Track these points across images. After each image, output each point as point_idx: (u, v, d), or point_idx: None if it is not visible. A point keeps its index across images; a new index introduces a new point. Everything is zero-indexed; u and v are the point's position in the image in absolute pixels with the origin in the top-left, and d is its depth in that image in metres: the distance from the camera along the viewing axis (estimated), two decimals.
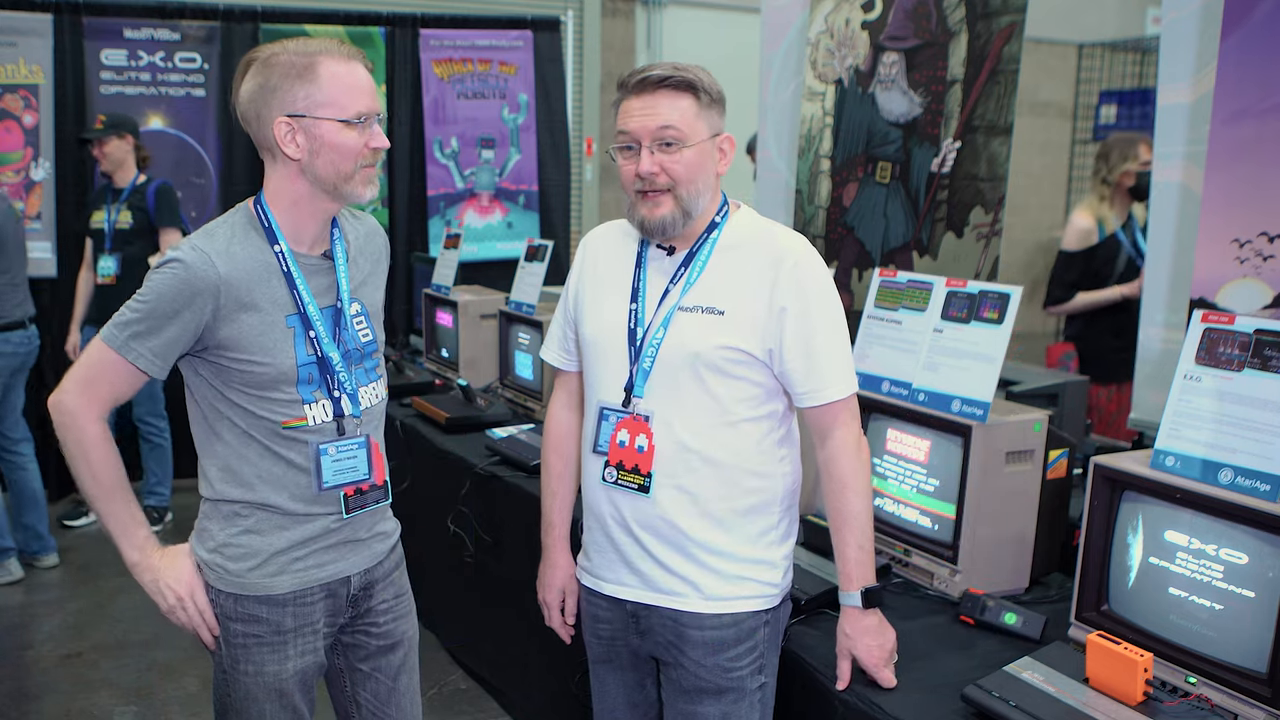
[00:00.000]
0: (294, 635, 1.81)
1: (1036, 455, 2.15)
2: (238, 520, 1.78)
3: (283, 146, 1.70)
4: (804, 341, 1.76)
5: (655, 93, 1.73)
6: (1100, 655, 1.66)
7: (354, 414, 1.82)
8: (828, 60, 3.81)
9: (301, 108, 1.68)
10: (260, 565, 1.78)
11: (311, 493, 1.79)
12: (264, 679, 1.80)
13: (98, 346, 1.71)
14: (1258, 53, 2.24)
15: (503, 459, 3.11)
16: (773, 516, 1.84)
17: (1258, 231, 2.26)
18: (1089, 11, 9.59)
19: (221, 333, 1.70)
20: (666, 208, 1.75)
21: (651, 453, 1.79)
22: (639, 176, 1.74)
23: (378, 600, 1.93)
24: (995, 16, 3.12)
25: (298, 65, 1.69)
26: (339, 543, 1.84)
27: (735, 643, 1.81)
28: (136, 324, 1.68)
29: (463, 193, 6.14)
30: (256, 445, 1.76)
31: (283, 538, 1.78)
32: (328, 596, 1.84)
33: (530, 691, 3.07)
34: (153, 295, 1.68)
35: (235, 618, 1.79)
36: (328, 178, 1.72)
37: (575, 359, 1.99)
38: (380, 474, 1.88)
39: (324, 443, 1.79)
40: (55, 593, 4.29)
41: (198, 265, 1.67)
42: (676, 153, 1.73)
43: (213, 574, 1.79)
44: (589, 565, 1.94)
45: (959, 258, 3.26)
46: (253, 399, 1.74)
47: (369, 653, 1.94)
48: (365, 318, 1.88)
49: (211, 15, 5.56)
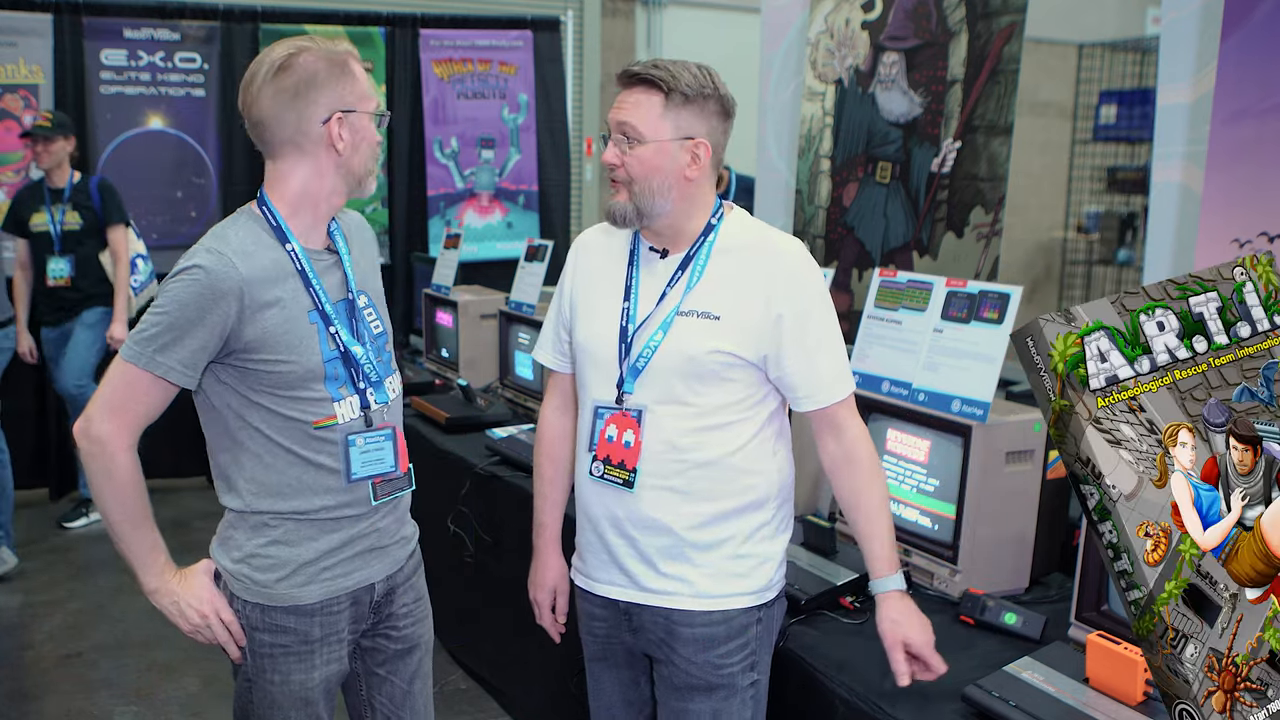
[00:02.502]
0: (320, 644, 1.80)
1: (1036, 455, 2.15)
2: (266, 530, 1.76)
3: (334, 142, 1.72)
4: (803, 348, 1.76)
5: (630, 87, 1.75)
6: (1100, 655, 1.66)
7: (381, 401, 1.82)
8: (828, 60, 3.81)
9: (351, 103, 1.72)
10: (289, 576, 1.76)
11: (341, 491, 1.77)
12: (290, 688, 1.78)
13: (121, 367, 1.66)
14: (1258, 53, 2.24)
15: (503, 459, 3.11)
16: (766, 513, 1.84)
17: (1258, 231, 2.26)
18: (1089, 11, 9.58)
19: (247, 335, 1.67)
20: (621, 198, 1.77)
21: (638, 448, 1.78)
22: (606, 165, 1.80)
23: (399, 605, 1.92)
24: (995, 16, 3.12)
25: (336, 63, 1.72)
26: (365, 550, 1.83)
27: (726, 639, 1.80)
28: (160, 336, 1.64)
29: (463, 193, 6.14)
30: (285, 453, 1.73)
31: (311, 548, 1.77)
32: (353, 604, 1.83)
33: (530, 691, 3.08)
34: (174, 304, 1.64)
35: (262, 628, 1.77)
36: (359, 171, 1.77)
37: (569, 360, 1.98)
38: (404, 463, 1.88)
39: (352, 433, 1.78)
40: (55, 593, 4.29)
41: (218, 268, 1.65)
42: (633, 148, 1.74)
43: (239, 584, 1.76)
44: (582, 565, 1.94)
45: (959, 258, 3.26)
46: (282, 400, 1.72)
47: (387, 657, 1.94)
48: (374, 309, 1.88)
49: (211, 15, 5.56)
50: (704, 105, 1.75)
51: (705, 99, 1.74)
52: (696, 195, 1.80)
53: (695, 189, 1.79)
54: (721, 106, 1.77)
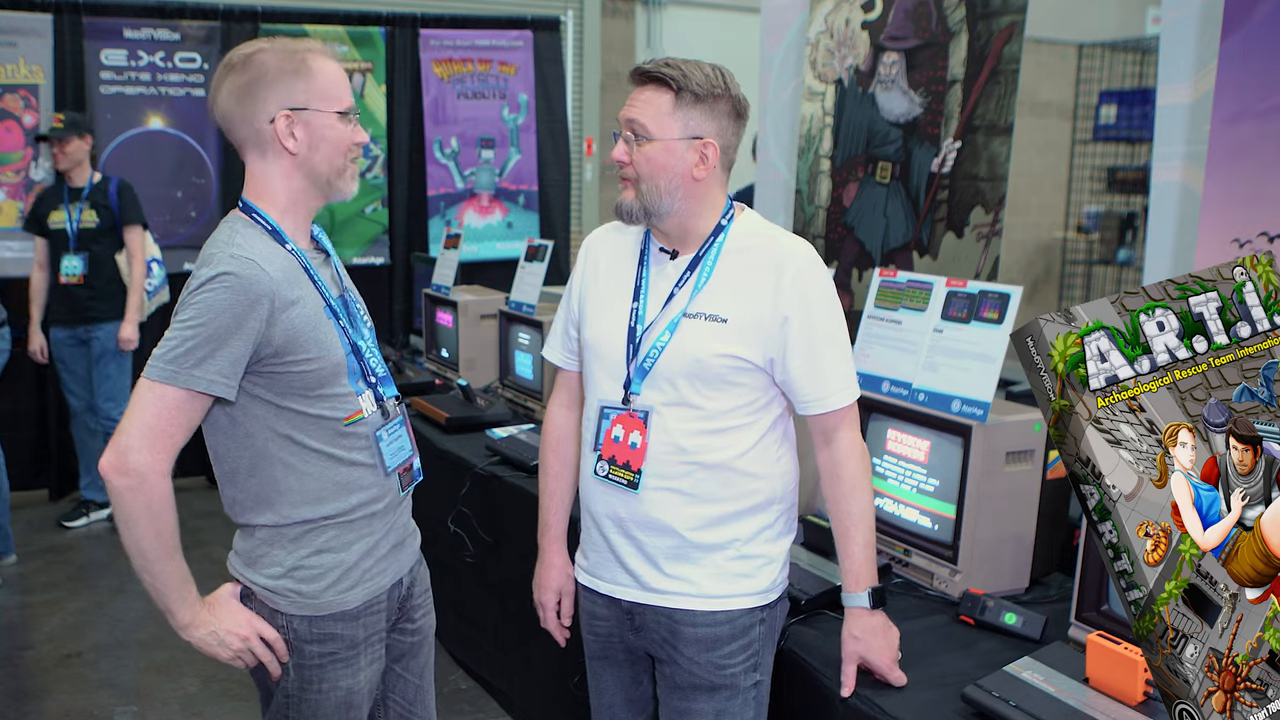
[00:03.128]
0: (365, 646, 1.79)
1: (1036, 455, 2.15)
2: (308, 540, 1.73)
3: (282, 140, 1.68)
4: (808, 351, 1.76)
5: (641, 85, 1.76)
6: (1100, 655, 1.66)
7: (391, 394, 1.82)
8: (827, 60, 3.81)
9: (301, 100, 1.68)
10: (336, 582, 1.74)
11: (375, 485, 1.77)
12: (337, 694, 1.76)
13: (156, 391, 1.57)
14: (1258, 53, 2.24)
15: (503, 459, 3.11)
16: (770, 515, 1.84)
17: (1258, 231, 2.26)
18: (1089, 11, 9.59)
19: (277, 338, 1.64)
20: (629, 195, 1.78)
21: (644, 450, 1.79)
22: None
23: (415, 597, 1.94)
24: (995, 16, 3.12)
25: (290, 61, 1.69)
26: (395, 545, 1.84)
27: (729, 639, 1.81)
28: (197, 350, 1.58)
29: (463, 193, 6.14)
30: (318, 457, 1.71)
31: (354, 551, 1.75)
32: (388, 601, 1.84)
33: (530, 691, 3.08)
34: (208, 313, 1.58)
35: (310, 639, 1.74)
36: (323, 172, 1.72)
37: (577, 358, 1.99)
38: (415, 450, 1.90)
39: (378, 429, 1.78)
40: (55, 593, 4.29)
41: (249, 273, 1.61)
42: (641, 146, 1.74)
43: (284, 600, 1.72)
44: (586, 564, 1.94)
45: (959, 258, 3.26)
46: (313, 401, 1.69)
47: (402, 651, 1.93)
48: (361, 304, 1.89)
49: (211, 15, 5.56)
50: (714, 105, 1.74)
51: (716, 99, 1.74)
52: (705, 195, 1.79)
53: (703, 189, 1.78)
54: (733, 107, 1.77)
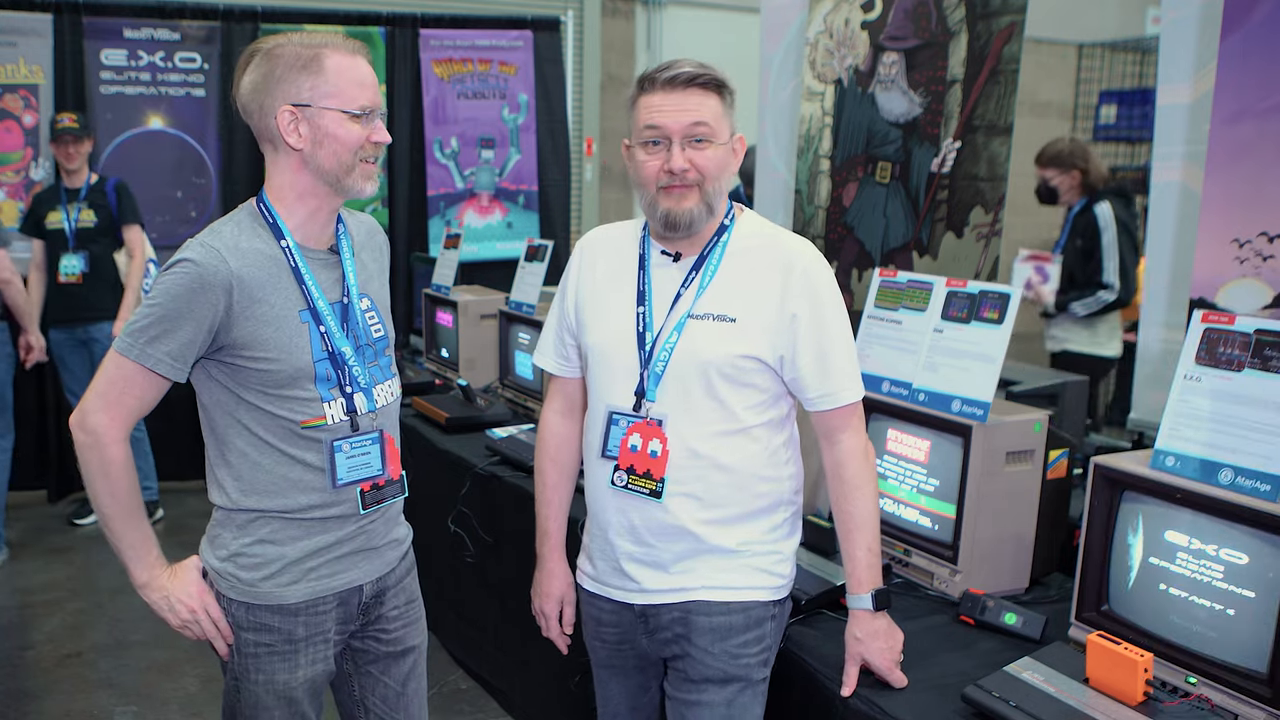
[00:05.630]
0: (305, 644, 1.80)
1: (1036, 455, 2.15)
2: (252, 529, 1.76)
3: (285, 136, 1.69)
4: (817, 347, 1.77)
5: (686, 90, 1.73)
6: (1100, 655, 1.66)
7: (369, 409, 1.81)
8: (827, 60, 3.81)
9: (306, 97, 1.68)
10: (274, 575, 1.76)
11: (326, 492, 1.77)
12: (274, 687, 1.78)
13: (115, 360, 1.67)
14: (1258, 53, 2.24)
15: (503, 459, 3.11)
16: (780, 515, 1.85)
17: (1258, 231, 2.26)
18: (1089, 11, 9.58)
19: (236, 331, 1.67)
20: (692, 200, 1.74)
21: (665, 458, 1.78)
22: (669, 172, 1.73)
23: (389, 607, 1.91)
24: (995, 16, 3.12)
25: (303, 56, 1.68)
26: (353, 551, 1.82)
27: (744, 629, 1.80)
28: (151, 328, 1.65)
29: (463, 193, 6.14)
30: (272, 451, 1.73)
31: (298, 547, 1.76)
32: (340, 605, 1.83)
33: (530, 691, 3.07)
34: (165, 296, 1.65)
35: (247, 627, 1.77)
36: (330, 169, 1.72)
37: (572, 365, 1.97)
38: (395, 468, 1.86)
39: (338, 439, 1.77)
40: (55, 593, 4.29)
41: (208, 261, 1.65)
42: (706, 149, 1.73)
43: (224, 582, 1.77)
44: (593, 571, 1.92)
45: (959, 258, 3.26)
46: (271, 399, 1.71)
47: (377, 657, 1.93)
48: (376, 313, 1.87)
49: (211, 15, 5.56)
50: (734, 103, 1.79)
51: (734, 96, 1.79)
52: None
53: None
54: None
